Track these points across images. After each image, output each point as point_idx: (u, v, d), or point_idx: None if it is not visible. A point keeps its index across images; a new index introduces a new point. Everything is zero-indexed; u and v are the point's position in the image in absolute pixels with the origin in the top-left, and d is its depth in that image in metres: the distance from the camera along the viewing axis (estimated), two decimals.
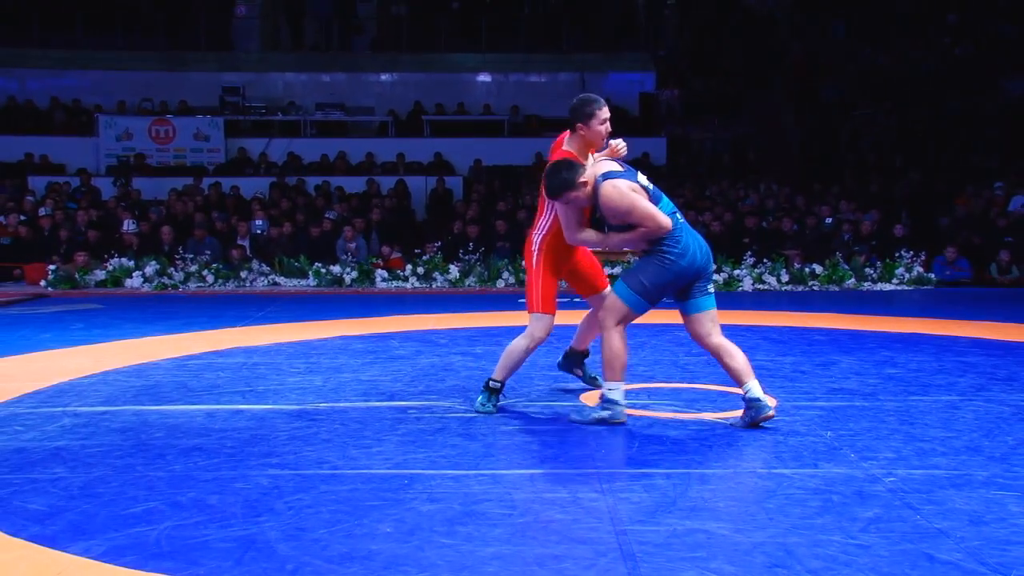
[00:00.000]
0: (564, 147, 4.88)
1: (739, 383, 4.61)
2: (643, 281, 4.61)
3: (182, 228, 13.42)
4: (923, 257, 12.04)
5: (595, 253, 5.37)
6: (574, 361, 5.49)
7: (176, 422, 4.80)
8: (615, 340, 4.58)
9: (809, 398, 5.27)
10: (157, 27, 19.95)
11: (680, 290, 4.68)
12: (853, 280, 11.72)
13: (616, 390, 4.60)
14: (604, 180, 4.57)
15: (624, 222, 4.60)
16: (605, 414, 4.59)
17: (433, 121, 18.86)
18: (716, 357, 4.72)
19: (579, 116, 4.82)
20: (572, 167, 4.64)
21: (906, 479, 3.77)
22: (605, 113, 4.83)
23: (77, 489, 3.72)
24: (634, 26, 20.87)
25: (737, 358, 4.62)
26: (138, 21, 19.98)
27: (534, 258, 4.93)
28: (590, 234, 4.76)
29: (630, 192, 4.54)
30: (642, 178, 4.68)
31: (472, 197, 15.32)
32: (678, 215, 4.67)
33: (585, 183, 4.60)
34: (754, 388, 4.57)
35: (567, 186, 4.60)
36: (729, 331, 7.84)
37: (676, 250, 4.56)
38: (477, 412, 4.95)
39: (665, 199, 4.68)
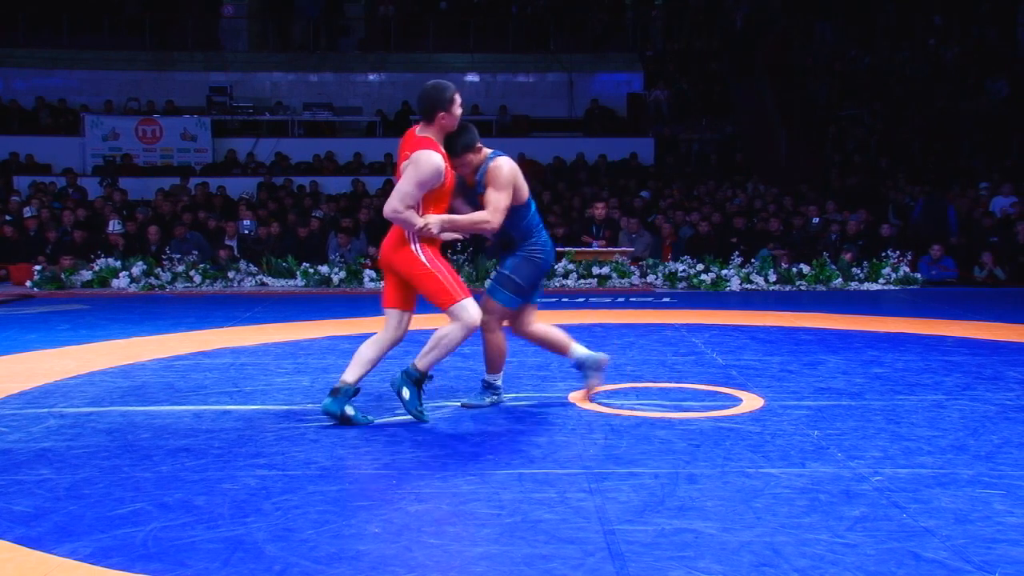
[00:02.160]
0: (419, 134, 4.74)
1: (563, 352, 5.20)
2: (518, 281, 4.96)
3: (169, 228, 13.38)
4: (909, 257, 12.10)
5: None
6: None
7: (163, 423, 4.78)
8: (501, 338, 5.05)
9: (796, 397, 5.28)
10: (144, 27, 19.89)
11: None
12: (840, 280, 11.77)
13: (498, 378, 5.15)
14: (498, 156, 4.84)
15: (485, 200, 4.77)
16: (493, 398, 5.12)
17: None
18: (535, 341, 5.23)
19: (441, 103, 4.70)
20: (473, 131, 4.86)
21: (892, 478, 3.78)
22: (459, 98, 4.91)
23: (63, 490, 3.70)
24: (622, 26, 20.92)
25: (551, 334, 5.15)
26: (125, 21, 19.91)
27: (421, 257, 4.64)
28: (411, 214, 4.58)
29: (516, 179, 4.82)
30: None
31: None
32: (537, 215, 5.07)
33: (480, 149, 4.83)
34: (577, 350, 5.17)
35: (470, 146, 4.79)
36: (717, 331, 7.90)
37: (547, 248, 5.04)
38: (410, 412, 4.75)
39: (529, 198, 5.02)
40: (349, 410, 4.67)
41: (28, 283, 11.74)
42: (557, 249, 12.27)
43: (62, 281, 11.72)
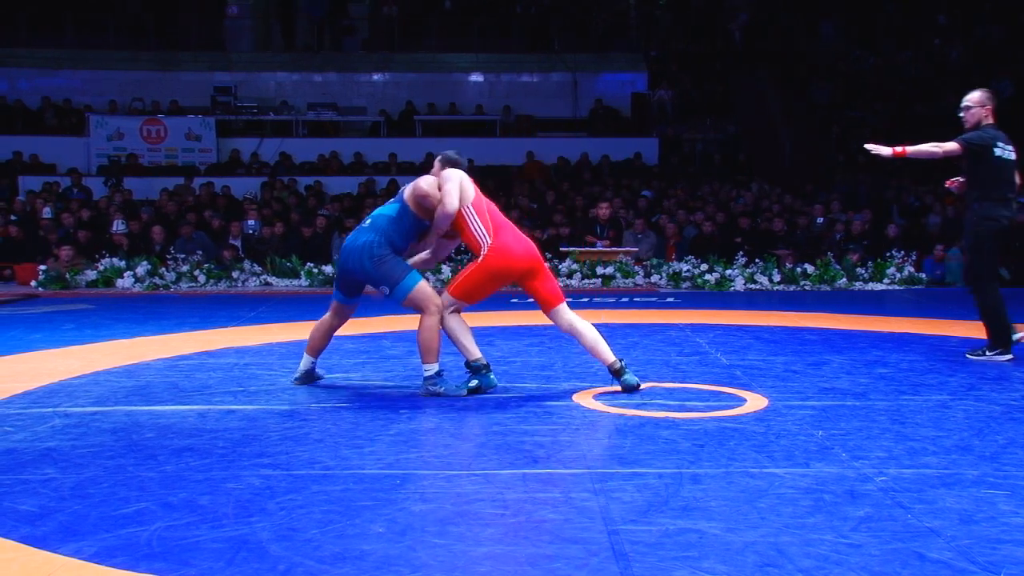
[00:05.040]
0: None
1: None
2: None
3: (173, 228, 13.40)
4: (914, 257, 12.09)
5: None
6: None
7: (167, 422, 4.79)
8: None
9: (800, 397, 5.28)
10: (148, 27, 19.92)
11: (343, 285, 5.70)
12: (844, 280, 11.76)
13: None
14: None
15: None
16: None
17: (425, 121, 18.86)
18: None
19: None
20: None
21: (897, 478, 3.78)
22: None
23: (68, 490, 3.70)
24: (626, 26, 20.92)
25: (423, 339, 5.35)
26: (129, 21, 19.95)
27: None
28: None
29: None
30: None
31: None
32: (365, 221, 5.53)
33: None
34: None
35: None
36: (721, 331, 7.89)
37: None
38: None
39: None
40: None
41: (33, 283, 11.76)
42: (562, 248, 12.38)
43: (67, 281, 11.74)
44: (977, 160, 6.33)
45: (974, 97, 6.55)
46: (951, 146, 6.32)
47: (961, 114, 6.60)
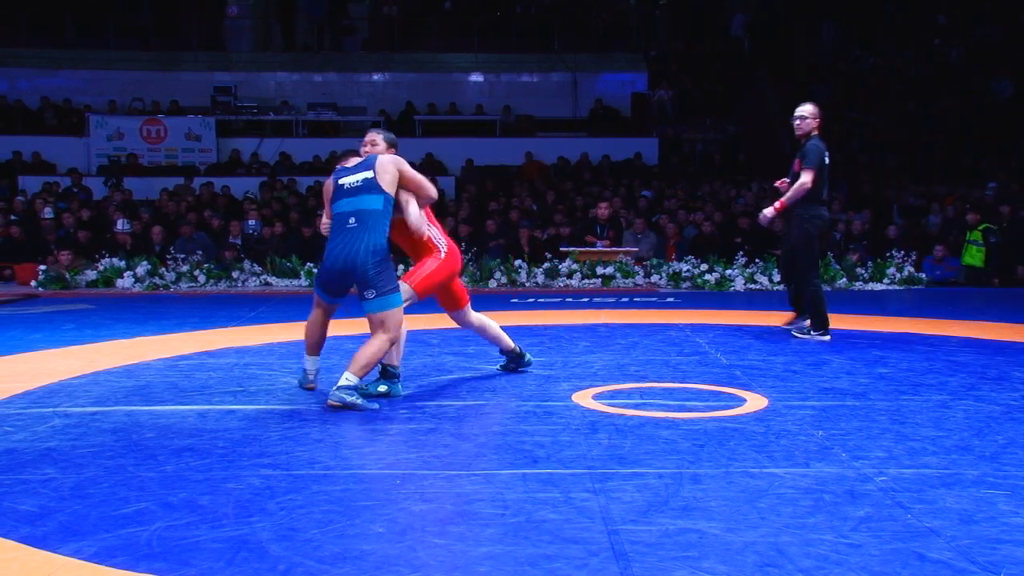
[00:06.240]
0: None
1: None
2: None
3: (173, 228, 13.40)
4: (914, 257, 12.09)
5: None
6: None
7: (167, 422, 4.79)
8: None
9: (800, 398, 5.28)
10: (148, 27, 19.93)
11: (336, 289, 5.37)
12: (845, 280, 11.75)
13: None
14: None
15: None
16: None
17: (425, 121, 18.87)
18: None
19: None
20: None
21: (897, 478, 3.78)
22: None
23: (68, 490, 3.70)
24: (626, 26, 20.93)
25: (369, 353, 5.08)
26: (129, 21, 19.95)
27: None
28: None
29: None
30: (345, 179, 5.33)
31: (464, 197, 15.32)
32: (349, 221, 5.20)
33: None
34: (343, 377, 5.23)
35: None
36: (721, 331, 7.89)
37: (326, 251, 5.31)
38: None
39: (340, 202, 5.29)
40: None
41: (33, 283, 11.76)
42: (562, 248, 12.38)
43: (67, 281, 11.73)
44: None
45: (808, 109, 7.26)
46: (808, 175, 7.05)
47: (796, 122, 7.27)
